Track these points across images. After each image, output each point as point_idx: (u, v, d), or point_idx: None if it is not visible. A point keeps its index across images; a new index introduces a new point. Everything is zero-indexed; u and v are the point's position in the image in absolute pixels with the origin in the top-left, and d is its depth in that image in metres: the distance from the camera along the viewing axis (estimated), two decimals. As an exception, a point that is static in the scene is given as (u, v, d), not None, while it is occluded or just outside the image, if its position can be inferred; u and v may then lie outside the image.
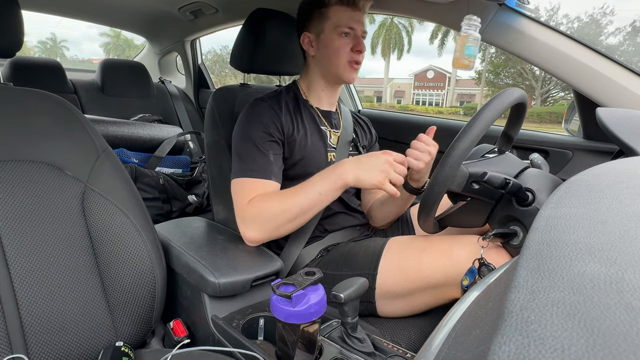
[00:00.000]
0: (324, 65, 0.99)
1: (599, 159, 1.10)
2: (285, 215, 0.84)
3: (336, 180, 0.83)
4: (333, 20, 0.95)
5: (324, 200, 0.86)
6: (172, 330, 0.80)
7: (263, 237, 0.88)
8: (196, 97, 2.56)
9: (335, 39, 0.96)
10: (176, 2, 1.81)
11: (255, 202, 0.87)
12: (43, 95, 0.78)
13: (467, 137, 0.69)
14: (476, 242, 0.79)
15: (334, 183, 0.84)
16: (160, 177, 1.59)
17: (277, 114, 0.95)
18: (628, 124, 0.69)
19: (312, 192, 0.84)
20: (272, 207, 0.85)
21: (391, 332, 0.85)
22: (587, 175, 0.38)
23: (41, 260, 0.68)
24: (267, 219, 0.85)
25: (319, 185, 0.84)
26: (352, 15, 0.95)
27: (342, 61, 0.97)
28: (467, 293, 0.38)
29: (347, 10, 0.95)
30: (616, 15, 30.10)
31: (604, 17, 28.39)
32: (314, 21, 0.98)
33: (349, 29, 0.95)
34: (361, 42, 0.97)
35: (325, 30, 0.96)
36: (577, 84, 0.99)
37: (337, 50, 0.96)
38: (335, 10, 0.96)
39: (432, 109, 29.82)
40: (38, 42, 43.48)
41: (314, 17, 0.98)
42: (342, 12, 0.95)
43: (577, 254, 0.23)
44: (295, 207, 0.84)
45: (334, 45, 0.96)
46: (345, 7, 0.95)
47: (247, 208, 0.87)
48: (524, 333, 0.18)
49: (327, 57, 0.97)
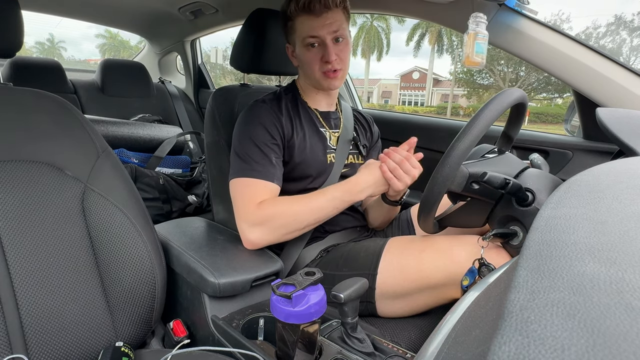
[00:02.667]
0: (306, 76, 1.00)
1: (599, 159, 1.09)
2: (297, 224, 0.87)
3: (352, 195, 0.89)
4: (298, 32, 0.93)
5: (336, 211, 0.90)
6: (172, 331, 0.80)
7: (268, 241, 0.88)
8: (196, 97, 2.56)
9: (304, 52, 0.93)
10: (176, 2, 1.81)
11: (267, 206, 0.86)
12: (43, 95, 0.78)
13: (467, 137, 0.69)
14: (476, 242, 0.79)
15: (350, 197, 0.89)
16: (160, 177, 1.59)
17: (278, 117, 0.95)
18: (628, 124, 0.69)
19: (325, 199, 0.88)
20: (285, 211, 0.86)
21: (391, 332, 0.85)
22: (587, 175, 0.38)
23: (41, 260, 0.68)
24: (280, 225, 0.86)
25: (337, 196, 0.88)
26: (313, 23, 0.89)
27: (316, 73, 0.94)
28: (467, 293, 0.38)
29: (309, 19, 0.89)
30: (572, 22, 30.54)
31: (563, 23, 28.68)
32: (288, 34, 0.98)
33: (312, 38, 0.90)
34: (329, 50, 0.90)
35: (296, 43, 0.96)
36: (577, 84, 0.99)
37: (308, 63, 0.94)
38: (299, 21, 0.91)
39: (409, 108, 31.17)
40: (35, 43, 43.51)
41: (287, 30, 0.97)
42: (304, 22, 0.91)
43: (577, 254, 0.23)
44: (311, 215, 0.88)
45: (305, 59, 0.94)
46: (307, 15, 0.89)
47: (256, 211, 0.86)
48: (524, 333, 0.18)
49: (304, 69, 0.98)
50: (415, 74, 36.47)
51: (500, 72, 25.93)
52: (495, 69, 25.62)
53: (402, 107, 32.15)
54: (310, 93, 1.03)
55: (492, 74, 26.07)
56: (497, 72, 25.91)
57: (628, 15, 37.30)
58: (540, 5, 0.99)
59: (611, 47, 29.75)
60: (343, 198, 0.89)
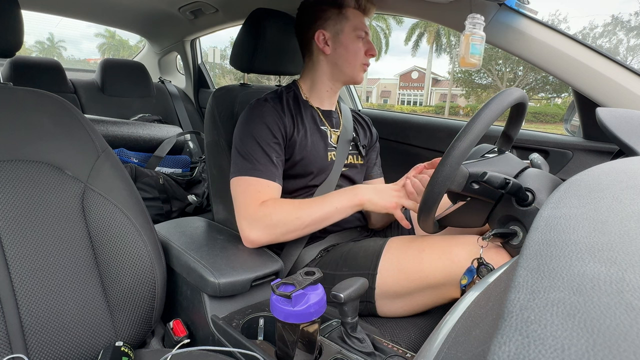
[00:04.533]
0: (338, 65, 1.00)
1: (599, 159, 1.10)
2: (298, 223, 0.87)
3: (352, 198, 0.89)
4: (352, 22, 0.98)
5: (336, 216, 0.90)
6: (172, 330, 0.80)
7: (267, 241, 0.88)
8: (196, 97, 2.56)
9: (354, 40, 0.98)
10: (176, 2, 1.81)
11: (269, 206, 0.87)
12: (43, 95, 0.77)
13: (467, 137, 0.69)
14: (476, 242, 0.79)
15: (349, 200, 0.89)
16: (160, 177, 1.59)
17: (280, 115, 0.95)
18: (628, 124, 0.69)
19: (328, 205, 0.89)
20: (287, 214, 0.86)
21: (391, 332, 0.85)
22: (587, 175, 0.38)
23: (41, 260, 0.68)
24: (279, 225, 0.86)
25: (337, 201, 0.89)
26: (363, 19, 1.00)
27: (357, 63, 1.00)
28: (466, 293, 0.38)
29: (360, 15, 0.99)
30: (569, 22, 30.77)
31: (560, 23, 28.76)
32: (331, 20, 0.98)
33: (363, 32, 0.99)
34: (373, 46, 1.01)
35: (344, 30, 0.98)
36: (577, 84, 0.99)
37: (355, 52, 0.98)
38: (353, 12, 0.98)
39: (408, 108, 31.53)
40: (35, 42, 43.48)
41: (331, 16, 0.98)
42: (357, 16, 0.98)
43: (577, 254, 0.23)
44: (309, 218, 0.87)
45: (353, 47, 0.98)
46: (359, 11, 0.99)
47: (258, 210, 0.87)
48: (524, 333, 0.18)
49: (345, 57, 0.99)
50: (414, 74, 36.60)
51: (498, 71, 26.03)
52: (493, 69, 25.71)
53: (401, 107, 32.36)
54: (319, 91, 1.04)
55: (490, 73, 26.15)
56: (495, 72, 25.99)
57: (625, 15, 37.43)
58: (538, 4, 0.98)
59: (608, 47, 29.82)
60: (342, 195, 0.91)
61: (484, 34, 0.93)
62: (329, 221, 0.90)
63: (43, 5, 1.95)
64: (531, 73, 24.46)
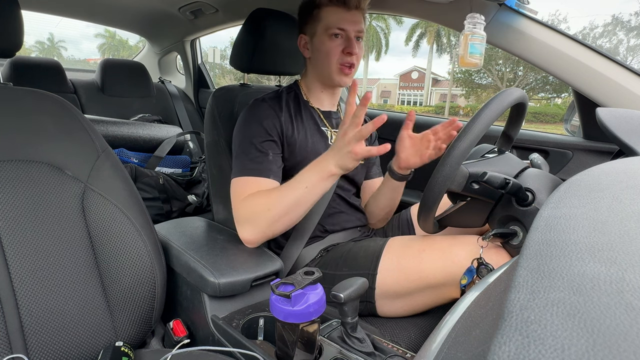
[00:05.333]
0: (318, 68, 0.99)
1: (599, 159, 1.10)
2: (274, 211, 0.82)
3: (321, 171, 0.80)
4: (324, 21, 0.93)
5: (312, 194, 0.82)
6: (172, 330, 0.80)
7: (258, 237, 0.86)
8: (196, 97, 2.56)
9: (325, 41, 0.93)
10: (176, 2, 1.81)
11: (246, 200, 0.86)
12: (43, 95, 0.77)
13: (467, 137, 0.69)
14: (476, 242, 0.79)
15: (319, 174, 0.80)
16: (160, 177, 1.59)
17: (277, 115, 0.95)
18: (628, 124, 0.69)
19: (298, 186, 0.81)
20: (260, 203, 0.84)
21: (391, 332, 0.85)
22: (587, 175, 0.38)
23: (41, 260, 0.68)
24: (257, 216, 0.84)
25: (306, 180, 0.81)
26: (344, 15, 0.92)
27: (333, 64, 0.94)
28: (466, 293, 0.38)
29: (339, 11, 0.92)
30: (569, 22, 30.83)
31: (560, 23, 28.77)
32: (308, 23, 0.97)
33: (339, 30, 0.92)
34: (352, 43, 0.93)
35: (317, 32, 0.95)
36: (577, 84, 0.99)
37: (327, 53, 0.94)
38: (327, 11, 0.93)
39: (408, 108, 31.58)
40: (36, 42, 43.51)
41: (309, 19, 0.97)
42: (333, 13, 0.92)
43: (577, 254, 0.23)
44: (283, 203, 0.81)
45: (324, 48, 0.94)
46: (337, 7, 0.92)
47: (239, 206, 0.87)
48: (524, 333, 0.18)
49: (320, 60, 0.96)
50: (414, 74, 36.60)
51: (498, 71, 26.03)
52: (493, 69, 25.71)
53: (400, 107, 32.39)
54: (315, 92, 1.03)
55: (490, 73, 26.15)
56: (494, 72, 25.99)
57: (625, 15, 37.44)
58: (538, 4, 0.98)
59: (608, 47, 29.83)
60: (309, 171, 0.82)
61: (484, 34, 0.94)
62: (306, 203, 0.83)
63: (43, 5, 1.95)
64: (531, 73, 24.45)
